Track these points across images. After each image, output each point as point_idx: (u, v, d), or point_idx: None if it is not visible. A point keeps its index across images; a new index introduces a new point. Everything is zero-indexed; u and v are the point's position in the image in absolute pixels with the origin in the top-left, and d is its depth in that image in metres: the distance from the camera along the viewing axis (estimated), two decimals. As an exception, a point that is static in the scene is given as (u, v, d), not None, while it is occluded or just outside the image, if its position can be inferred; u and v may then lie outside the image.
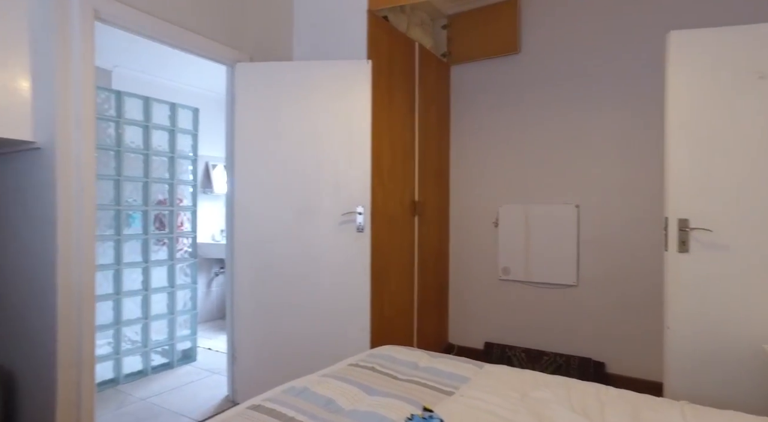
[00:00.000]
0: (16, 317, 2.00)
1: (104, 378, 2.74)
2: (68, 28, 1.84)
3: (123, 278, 2.82)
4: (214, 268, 4.43)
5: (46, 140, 1.84)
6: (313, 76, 2.45)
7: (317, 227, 2.44)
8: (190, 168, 3.23)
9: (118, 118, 2.80)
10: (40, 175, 1.87)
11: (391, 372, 1.62)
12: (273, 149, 2.47)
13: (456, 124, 3.45)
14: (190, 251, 3.23)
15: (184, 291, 3.20)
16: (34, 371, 1.92)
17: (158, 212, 3.05)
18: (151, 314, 2.98)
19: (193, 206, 3.24)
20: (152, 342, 3.00)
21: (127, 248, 2.87)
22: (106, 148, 2.74)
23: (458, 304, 3.45)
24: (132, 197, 2.90)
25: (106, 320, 2.76)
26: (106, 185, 2.75)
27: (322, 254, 2.44)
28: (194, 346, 3.26)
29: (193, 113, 3.24)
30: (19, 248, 2.00)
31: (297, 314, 2.46)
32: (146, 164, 2.95)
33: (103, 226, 2.74)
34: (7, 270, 2.06)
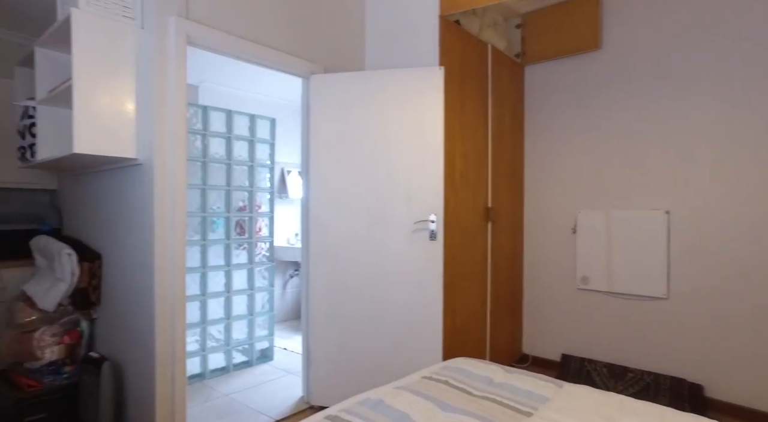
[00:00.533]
0: (124, 315, 2.20)
1: (192, 373, 2.94)
2: (165, 53, 1.99)
3: (208, 280, 3.01)
4: (289, 270, 4.61)
5: (146, 156, 2.01)
6: (384, 85, 2.46)
7: (389, 235, 2.45)
8: (267, 176, 3.39)
9: (204, 131, 3.00)
10: (140, 188, 2.05)
11: (466, 387, 1.58)
12: (346, 158, 2.52)
13: (530, 126, 3.32)
14: (267, 255, 3.38)
15: (262, 293, 3.35)
16: (137, 364, 2.10)
17: (239, 218, 3.22)
18: (233, 314, 3.16)
19: (270, 212, 3.39)
20: (234, 341, 3.17)
21: (212, 253, 3.06)
22: (194, 159, 2.95)
23: (533, 313, 3.32)
24: (216, 205, 3.09)
25: (194, 319, 2.96)
26: (193, 193, 2.95)
27: (394, 261, 2.45)
28: (271, 346, 3.41)
29: (270, 124, 3.39)
30: (124, 254, 2.20)
31: (369, 321, 2.49)
32: (228, 173, 3.13)
33: (190, 232, 2.94)
34: (115, 273, 2.27)
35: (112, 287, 2.28)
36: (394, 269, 2.45)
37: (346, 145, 2.52)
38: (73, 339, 2.31)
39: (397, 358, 2.43)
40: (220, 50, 2.24)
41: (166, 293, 2.01)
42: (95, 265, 2.32)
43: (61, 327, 2.29)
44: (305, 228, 2.65)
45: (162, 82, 1.99)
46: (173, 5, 2.03)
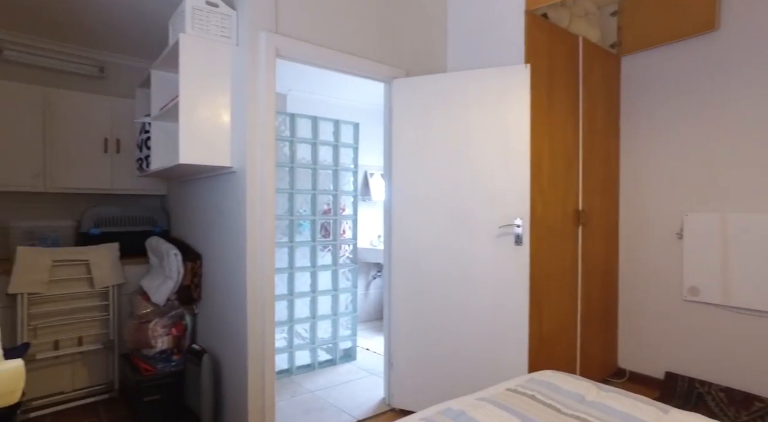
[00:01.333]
0: (220, 312, 2.38)
1: (281, 368, 3.10)
2: (256, 66, 2.12)
3: (295, 280, 3.16)
4: (372, 271, 4.69)
5: (239, 164, 2.15)
6: (467, 86, 2.41)
7: (472, 238, 2.39)
8: (351, 179, 3.48)
9: (291, 137, 3.15)
10: (234, 194, 2.20)
11: (554, 404, 1.49)
12: (428, 161, 2.51)
13: (627, 122, 3.06)
14: (351, 257, 3.47)
15: (345, 294, 3.45)
16: (232, 358, 2.26)
17: (324, 221, 3.34)
18: (318, 314, 3.28)
19: (353, 215, 3.48)
20: (318, 340, 3.30)
21: (298, 254, 3.20)
22: (282, 164, 3.11)
23: (630, 325, 3.06)
24: (302, 208, 3.24)
25: (282, 317, 3.12)
26: (281, 197, 3.11)
27: (477, 266, 2.38)
28: (354, 346, 3.49)
29: (353, 128, 3.47)
30: (221, 255, 2.37)
31: (450, 326, 2.45)
32: (314, 177, 3.26)
33: (278, 234, 3.10)
34: (213, 273, 2.47)
35: (210, 286, 2.48)
36: (478, 274, 2.38)
37: (429, 148, 2.51)
38: (179, 331, 2.54)
39: (480, 366, 2.36)
40: (306, 60, 2.34)
41: (257, 292, 2.14)
42: (197, 265, 2.53)
43: (170, 319, 2.53)
44: (387, 231, 2.67)
45: (253, 94, 2.12)
46: (264, 21, 2.16)
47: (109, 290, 2.72)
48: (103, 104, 3.00)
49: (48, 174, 2.81)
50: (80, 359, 2.67)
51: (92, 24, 2.79)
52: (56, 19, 2.72)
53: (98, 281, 2.67)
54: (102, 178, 2.99)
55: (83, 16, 2.69)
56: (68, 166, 2.87)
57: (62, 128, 2.86)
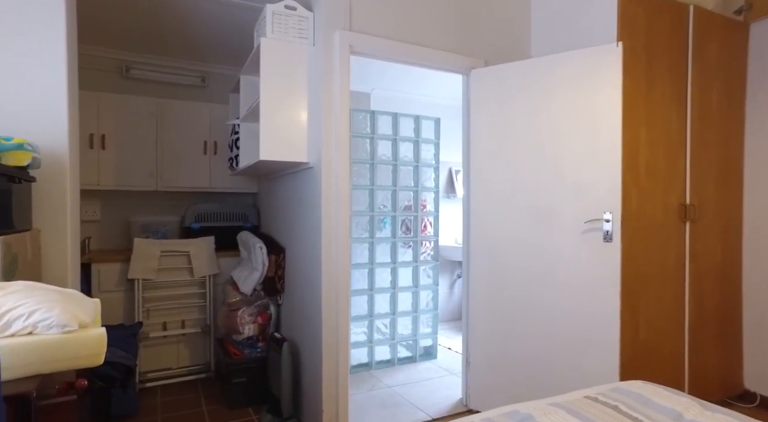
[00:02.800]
0: (300, 303, 2.49)
1: (360, 362, 3.15)
2: (331, 64, 2.17)
3: (375, 276, 3.19)
4: (456, 270, 4.59)
5: (315, 160, 2.23)
6: (551, 72, 2.24)
7: (554, 234, 2.22)
8: (432, 175, 3.43)
9: (372, 134, 3.19)
10: (311, 189, 2.28)
11: (641, 418, 1.31)
12: (507, 152, 2.38)
13: (756, 101, 2.63)
14: (432, 254, 3.42)
15: (426, 291, 3.41)
16: (309, 347, 2.34)
17: (405, 217, 3.33)
18: (398, 310, 3.28)
19: (435, 211, 3.43)
20: (398, 336, 3.29)
21: (379, 250, 3.23)
22: (363, 161, 3.16)
23: (761, 338, 2.62)
24: (383, 204, 3.26)
25: (362, 312, 3.17)
26: (362, 193, 3.17)
27: (560, 263, 2.20)
28: (435, 344, 3.44)
29: (434, 124, 3.42)
30: (301, 249, 2.48)
31: (531, 326, 2.30)
32: (394, 174, 3.27)
33: (359, 230, 3.16)
34: (295, 266, 2.58)
35: (292, 278, 2.59)
36: (561, 272, 2.20)
37: (508, 139, 2.38)
38: (264, 320, 2.70)
39: (562, 371, 2.18)
40: (380, 55, 2.35)
41: (332, 286, 2.19)
42: (280, 257, 2.67)
43: (256, 308, 2.70)
44: (466, 226, 2.58)
45: (328, 91, 2.17)
46: (339, 20, 2.21)
47: (206, 280, 2.97)
48: (203, 110, 3.29)
49: (159, 175, 3.16)
50: (183, 340, 2.96)
51: (196, 39, 3.09)
52: (168, 38, 3.07)
53: (197, 270, 2.93)
54: (202, 177, 3.29)
55: (189, 32, 2.98)
56: (175, 167, 3.20)
57: (171, 133, 3.19)
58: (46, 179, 1.65)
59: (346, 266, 2.22)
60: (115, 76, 3.29)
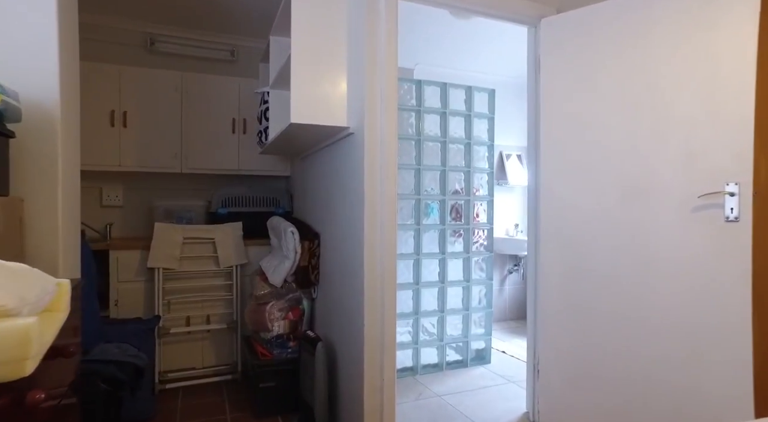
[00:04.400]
0: (338, 296, 2.13)
1: (404, 366, 2.77)
2: (375, 11, 1.80)
3: (422, 268, 2.80)
4: (507, 265, 4.14)
5: (357, 124, 1.86)
6: (648, 7, 1.79)
7: (653, 213, 1.77)
8: (486, 155, 3.01)
9: (418, 107, 2.80)
10: (352, 159, 1.92)
11: None
12: (589, 114, 1.94)
13: None
14: (485, 244, 3.00)
15: (478, 287, 2.99)
16: (348, 348, 1.98)
17: (454, 202, 2.93)
18: (447, 307, 2.88)
19: (489, 196, 3.00)
20: (447, 337, 2.89)
21: (425, 239, 2.84)
22: (408, 137, 2.78)
23: None
24: (430, 186, 2.87)
25: (407, 309, 2.79)
26: (406, 174, 2.78)
27: (662, 251, 1.75)
28: (488, 347, 3.02)
29: (488, 96, 3.00)
30: (337, 233, 2.12)
31: (621, 328, 1.85)
32: (443, 153, 2.87)
33: (404, 216, 2.78)
34: (331, 254, 2.23)
35: (328, 268, 2.24)
36: (664, 264, 1.74)
37: (590, 98, 1.94)
38: (296, 315, 2.36)
39: (667, 392, 1.72)
40: (437, 2, 1.96)
41: (376, 276, 1.82)
42: (314, 244, 2.32)
43: (287, 303, 2.36)
44: (533, 208, 2.16)
45: (372, 44, 1.80)
46: (383, -44, 1.83)
47: (233, 270, 2.67)
48: (232, 86, 2.99)
49: (184, 155, 2.88)
50: (208, 337, 2.66)
51: (225, 9, 2.80)
52: (196, 8, 2.79)
53: (223, 260, 2.63)
54: (230, 158, 2.99)
55: (218, 1, 2.69)
56: (201, 147, 2.91)
57: (197, 110, 2.91)
58: (30, 137, 1.35)
59: (392, 254, 1.85)
60: (139, 49, 3.04)
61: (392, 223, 1.84)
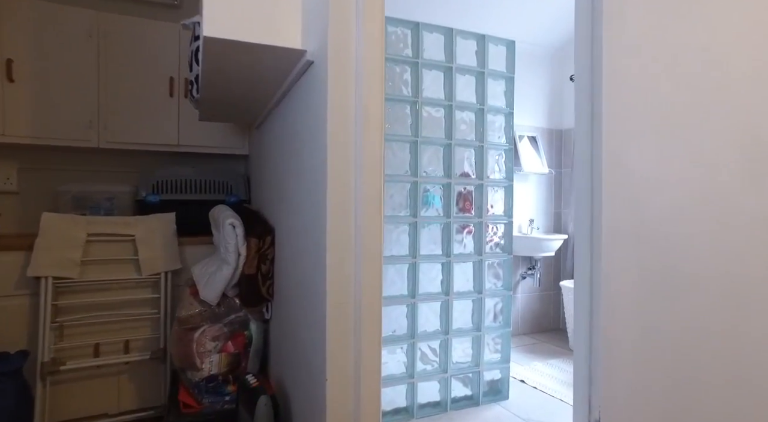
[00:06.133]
0: (294, 318, 1.41)
1: (396, 406, 2.06)
2: None
3: (419, 275, 2.09)
4: (520, 269, 3.45)
5: (318, 48, 1.14)
6: None
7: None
8: (503, 126, 2.30)
9: (415, 59, 2.08)
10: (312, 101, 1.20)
11: None
12: (692, 42, 1.23)
13: None
14: (502, 243, 2.29)
15: (493, 300, 2.28)
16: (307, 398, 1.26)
17: (462, 188, 2.22)
18: (452, 327, 2.17)
19: (507, 180, 2.29)
20: (453, 366, 2.18)
21: (425, 236, 2.13)
22: (401, 99, 2.06)
23: None
24: (430, 166, 2.15)
25: (399, 329, 2.07)
26: (399, 148, 2.07)
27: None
28: (506, 378, 2.31)
29: (507, 49, 2.29)
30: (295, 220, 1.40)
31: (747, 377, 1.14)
32: (448, 122, 2.16)
33: (395, 205, 2.07)
34: (285, 254, 1.51)
35: (284, 277, 1.52)
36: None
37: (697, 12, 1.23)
38: (238, 346, 1.63)
39: None
40: None
41: (347, 289, 1.11)
42: (264, 243, 1.60)
43: (226, 328, 1.64)
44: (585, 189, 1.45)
45: None
46: None
47: (161, 279, 1.94)
48: (168, 33, 2.27)
49: (102, 125, 2.15)
50: (127, 371, 1.93)
51: None
52: None
53: (146, 264, 1.90)
54: (167, 131, 2.26)
55: None
56: (126, 114, 2.18)
57: (120, 64, 2.18)
58: None
59: (375, 257, 1.13)
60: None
61: (375, 211, 1.13)
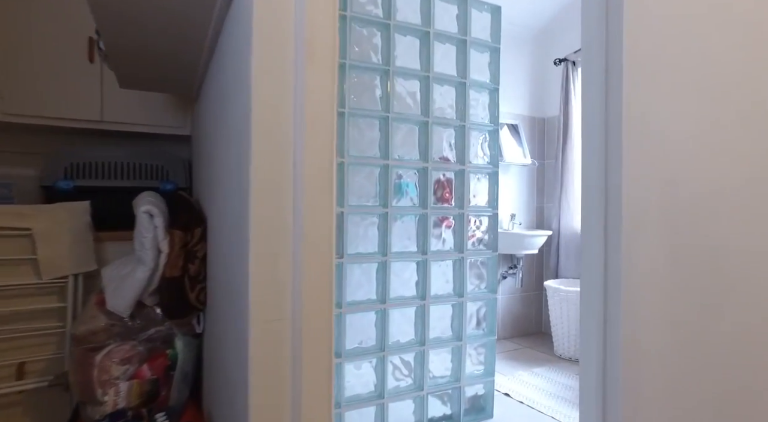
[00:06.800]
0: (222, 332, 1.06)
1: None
2: None
3: (390, 277, 1.76)
4: (500, 268, 3.18)
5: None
6: None
7: None
8: (487, 104, 2.00)
9: (386, 20, 1.75)
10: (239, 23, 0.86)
11: None
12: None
13: None
14: (486, 239, 1.99)
15: (476, 304, 1.98)
16: None
17: (441, 175, 1.90)
18: (429, 337, 1.85)
19: (492, 166, 2.00)
20: (430, 382, 1.87)
21: (397, 231, 1.81)
22: (369, 67, 1.73)
23: None
24: (403, 149, 1.83)
25: (366, 341, 1.74)
26: (366, 126, 1.74)
27: None
28: (490, 392, 2.02)
29: (492, 15, 1.99)
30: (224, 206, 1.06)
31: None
32: (425, 97, 1.84)
33: (362, 194, 1.74)
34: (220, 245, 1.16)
35: (214, 277, 1.17)
36: None
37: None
38: (158, 371, 1.27)
39: None
40: None
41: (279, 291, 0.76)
42: (192, 236, 1.24)
43: (142, 346, 1.27)
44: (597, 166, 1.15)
45: None
46: None
47: (68, 284, 1.55)
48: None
49: (4, 93, 1.74)
50: (21, 402, 1.53)
51: None
52: None
53: (47, 266, 1.51)
54: (86, 103, 1.86)
55: None
56: (33, 81, 1.78)
57: (19, 19, 1.77)
58: None
59: (323, 250, 0.80)
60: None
61: (323, 189, 0.79)
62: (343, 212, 1.66)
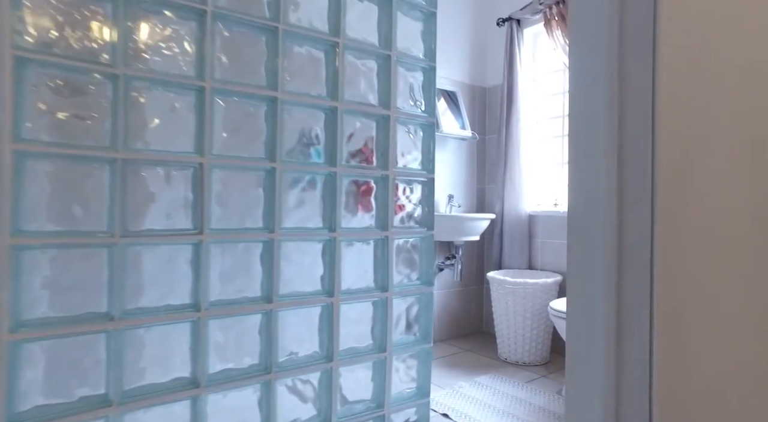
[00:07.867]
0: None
1: None
2: None
3: (280, 263, 1.22)
4: (438, 258, 2.73)
5: None
6: None
7: None
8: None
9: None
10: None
11: None
12: None
13: None
14: (417, 212, 1.50)
15: (406, 301, 1.48)
16: None
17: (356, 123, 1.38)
18: (340, 348, 1.33)
19: (427, 115, 1.50)
20: (343, 409, 1.35)
21: (293, 200, 1.26)
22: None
23: None
24: (302, 81, 1.29)
25: (250, 359, 1.18)
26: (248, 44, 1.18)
27: None
28: (424, 417, 1.53)
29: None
30: None
31: None
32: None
33: (238, 147, 1.18)
34: None
35: None
36: None
37: None
38: None
39: None
40: None
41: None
42: None
43: None
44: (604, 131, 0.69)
45: None
46: None
47: None
48: None
49: None
50: None
51: None
52: None
53: None
54: None
55: None
56: None
57: None
58: None
59: None
60: None
61: None
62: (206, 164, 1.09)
